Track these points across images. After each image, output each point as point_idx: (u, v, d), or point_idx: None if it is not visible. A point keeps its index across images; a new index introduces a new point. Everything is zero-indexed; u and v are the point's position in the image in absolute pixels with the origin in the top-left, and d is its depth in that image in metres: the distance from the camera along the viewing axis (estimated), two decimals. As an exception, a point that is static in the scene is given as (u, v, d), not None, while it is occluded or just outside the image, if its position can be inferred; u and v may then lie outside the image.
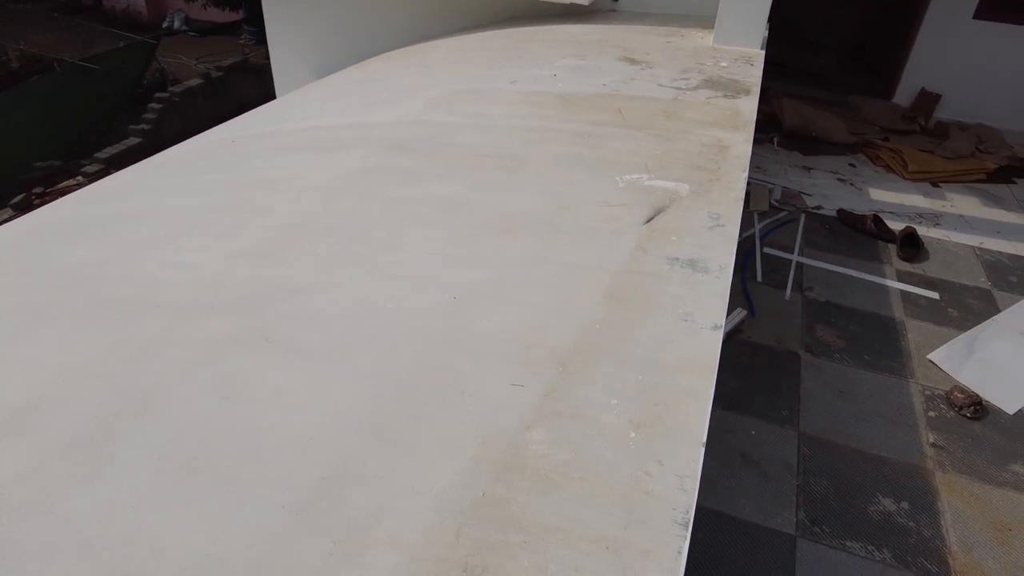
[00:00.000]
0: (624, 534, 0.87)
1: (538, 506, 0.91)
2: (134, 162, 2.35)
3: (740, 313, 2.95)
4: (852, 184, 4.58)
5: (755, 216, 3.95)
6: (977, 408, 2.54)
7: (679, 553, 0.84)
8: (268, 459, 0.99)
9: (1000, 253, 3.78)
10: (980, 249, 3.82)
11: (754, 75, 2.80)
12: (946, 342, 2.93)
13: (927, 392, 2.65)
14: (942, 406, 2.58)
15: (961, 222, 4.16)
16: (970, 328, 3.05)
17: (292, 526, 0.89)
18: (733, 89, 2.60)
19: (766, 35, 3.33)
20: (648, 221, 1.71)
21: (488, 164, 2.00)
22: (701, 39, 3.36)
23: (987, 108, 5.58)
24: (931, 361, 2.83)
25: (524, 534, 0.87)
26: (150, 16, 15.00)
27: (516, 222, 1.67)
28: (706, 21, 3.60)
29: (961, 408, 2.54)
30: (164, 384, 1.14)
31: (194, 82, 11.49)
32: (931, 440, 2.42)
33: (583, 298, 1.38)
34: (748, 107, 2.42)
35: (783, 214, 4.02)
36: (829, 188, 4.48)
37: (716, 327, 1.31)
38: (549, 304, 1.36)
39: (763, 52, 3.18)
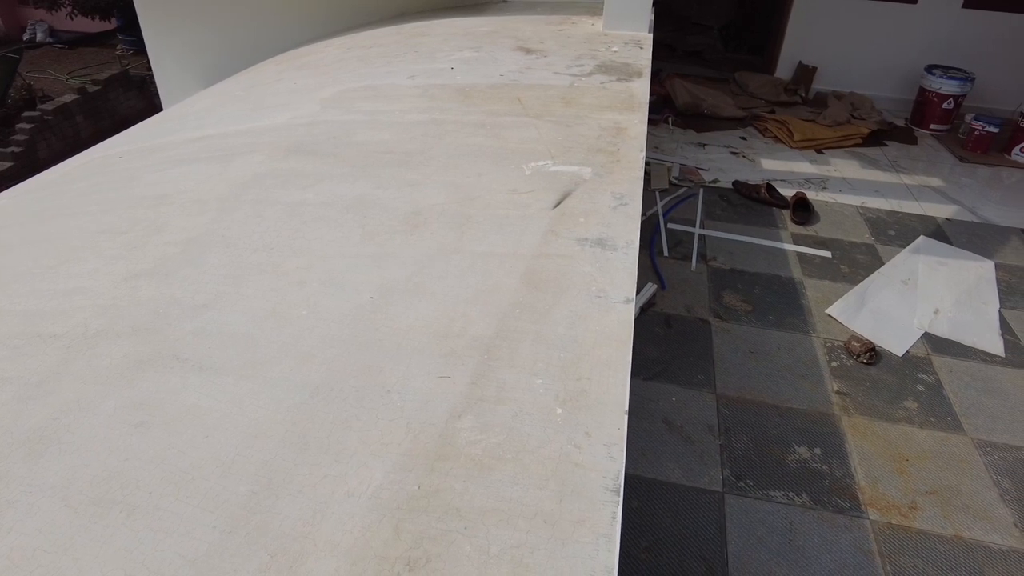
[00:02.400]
0: (559, 507, 0.89)
1: (474, 491, 0.92)
2: (6, 188, 2.18)
3: (651, 287, 3.06)
4: (744, 156, 4.83)
5: (657, 194, 4.09)
6: (872, 354, 2.75)
7: (613, 518, 0.87)
8: (190, 481, 0.95)
9: (879, 210, 4.09)
10: (863, 208, 4.11)
11: (644, 58, 2.89)
12: (841, 296, 3.15)
13: (828, 344, 2.85)
14: (842, 355, 2.78)
15: (845, 184, 4.47)
16: (860, 281, 3.29)
17: (224, 544, 0.86)
18: (625, 73, 2.68)
19: (652, 18, 3.44)
20: (556, 206, 1.74)
21: (391, 160, 1.98)
22: (591, 25, 3.44)
23: (857, 77, 6.00)
24: (829, 315, 3.03)
25: (463, 520, 0.88)
26: (7, 28, 13.86)
27: (426, 217, 1.66)
28: (595, 7, 3.68)
29: (858, 356, 2.74)
30: (65, 418, 1.07)
31: (68, 98, 10.71)
32: (835, 388, 2.61)
33: (500, 285, 1.40)
34: (641, 89, 2.50)
35: (683, 190, 4.19)
36: (724, 162, 4.70)
37: (628, 300, 1.36)
38: (467, 294, 1.37)
39: (651, 35, 3.29)
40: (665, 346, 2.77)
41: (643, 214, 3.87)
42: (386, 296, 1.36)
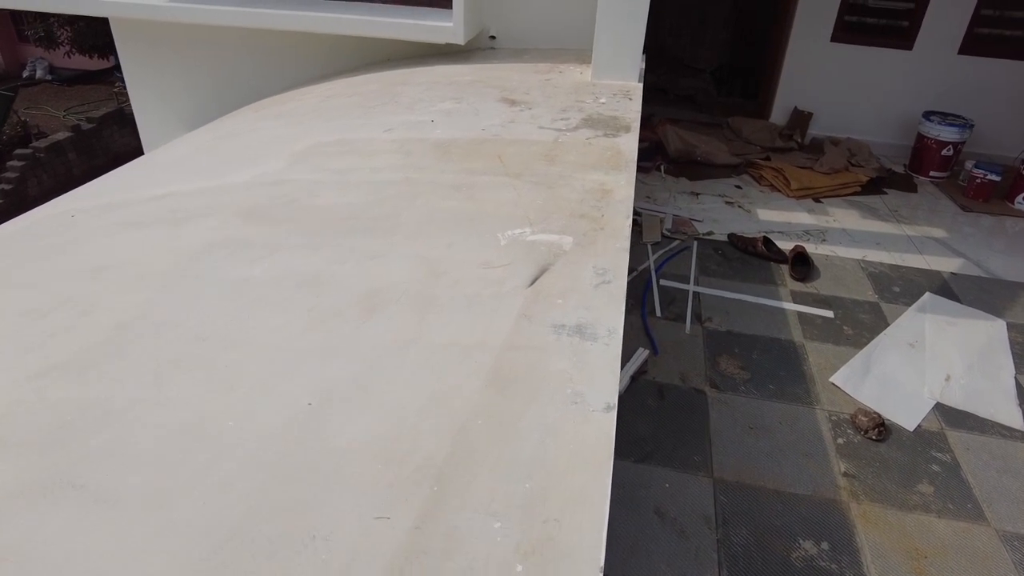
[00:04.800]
0: None
1: None
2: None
3: (643, 353, 2.87)
4: (740, 206, 4.68)
5: (648, 248, 3.92)
6: (881, 430, 2.54)
7: None
8: None
9: (882, 264, 3.92)
10: (864, 262, 3.94)
11: (633, 110, 2.75)
12: (845, 362, 2.95)
13: (833, 418, 2.64)
14: (849, 431, 2.57)
15: (844, 236, 4.31)
16: (864, 345, 3.10)
17: None
18: (613, 127, 2.54)
19: (643, 67, 3.33)
20: (532, 283, 1.57)
21: (355, 227, 1.81)
22: (580, 75, 3.32)
23: (854, 123, 5.90)
24: (833, 384, 2.83)
25: None
26: (7, 65, 13.96)
27: (384, 298, 1.49)
28: (584, 55, 3.57)
29: (866, 431, 2.54)
30: (-88, 575, 0.87)
31: (62, 135, 10.67)
32: (843, 470, 2.39)
33: (460, 388, 1.22)
34: (629, 145, 2.35)
35: (676, 243, 4.01)
36: (718, 212, 4.54)
37: (608, 408, 1.17)
38: (421, 402, 1.18)
39: (641, 85, 3.17)
40: (658, 421, 2.56)
41: (634, 270, 3.70)
42: (325, 404, 1.17)
